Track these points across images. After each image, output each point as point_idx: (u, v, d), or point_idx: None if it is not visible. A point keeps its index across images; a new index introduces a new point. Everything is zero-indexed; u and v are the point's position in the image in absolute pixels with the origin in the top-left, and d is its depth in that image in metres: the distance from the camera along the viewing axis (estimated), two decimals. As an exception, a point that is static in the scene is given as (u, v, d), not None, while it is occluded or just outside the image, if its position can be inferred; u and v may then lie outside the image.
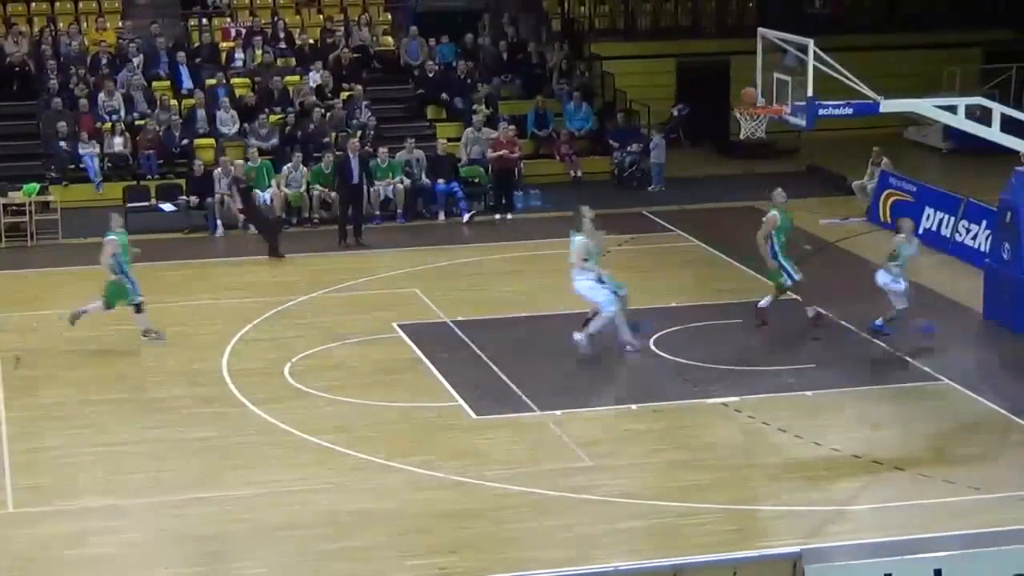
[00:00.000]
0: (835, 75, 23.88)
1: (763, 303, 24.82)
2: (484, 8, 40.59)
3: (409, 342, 24.27)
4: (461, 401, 21.66)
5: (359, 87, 36.04)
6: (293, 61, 37.64)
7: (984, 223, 28.42)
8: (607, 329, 23.38)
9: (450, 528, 17.58)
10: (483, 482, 18.78)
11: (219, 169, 32.21)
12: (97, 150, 34.04)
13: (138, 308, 24.40)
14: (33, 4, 39.11)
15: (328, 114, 34.94)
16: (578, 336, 23.25)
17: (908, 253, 24.03)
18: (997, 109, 24.86)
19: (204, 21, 39.24)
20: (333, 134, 34.23)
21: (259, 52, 37.35)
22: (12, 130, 35.15)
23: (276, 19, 39.09)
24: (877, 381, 22.44)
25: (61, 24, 38.44)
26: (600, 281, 23.35)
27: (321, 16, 40.12)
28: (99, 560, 16.98)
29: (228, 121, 35.19)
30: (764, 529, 17.79)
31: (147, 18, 38.77)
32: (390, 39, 39.63)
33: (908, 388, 22.21)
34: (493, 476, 18.95)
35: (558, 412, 21.14)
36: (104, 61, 36.48)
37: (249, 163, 32.50)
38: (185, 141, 34.57)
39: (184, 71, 36.82)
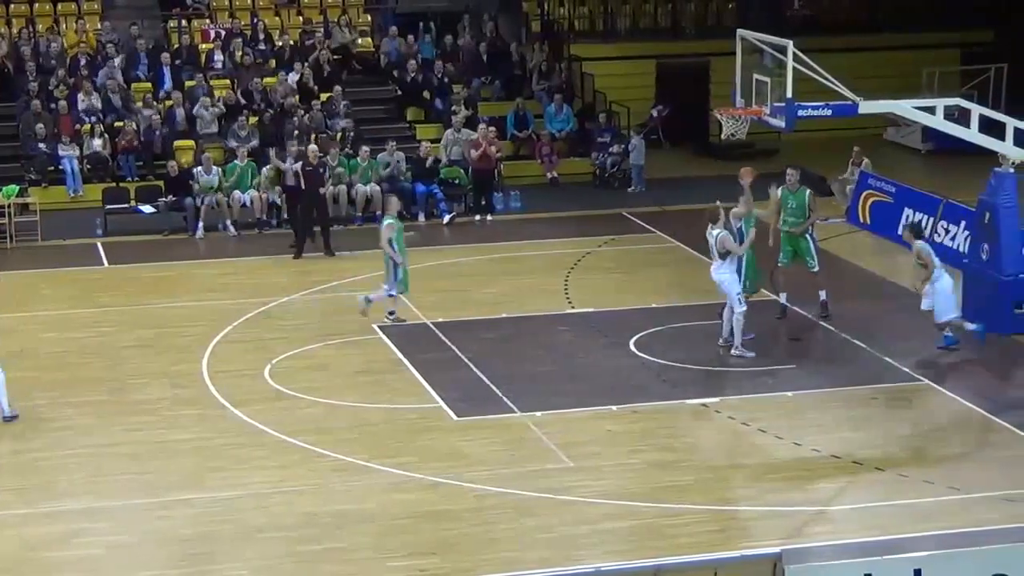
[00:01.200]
0: (814, 76, 23.95)
1: (823, 296, 25.24)
2: (464, 9, 40.63)
3: (390, 344, 24.29)
4: (442, 403, 21.68)
5: (338, 87, 36.10)
6: (273, 63, 37.64)
7: (963, 224, 28.53)
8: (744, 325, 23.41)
9: (431, 529, 17.60)
10: (464, 483, 18.80)
11: (199, 168, 32.23)
12: (77, 152, 34.01)
13: (392, 295, 24.81)
14: (12, 6, 39.04)
15: (307, 115, 34.93)
16: (735, 352, 23.26)
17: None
18: (975, 110, 24.94)
19: (183, 22, 39.22)
20: (313, 135, 34.23)
21: (239, 53, 37.32)
22: (-9, 132, 35.18)
23: (255, 20, 39.11)
24: (857, 382, 22.49)
25: (40, 26, 38.41)
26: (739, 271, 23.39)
27: (300, 18, 40.12)
28: (83, 562, 16.95)
29: (208, 122, 35.18)
30: (744, 529, 17.83)
31: (126, 19, 38.75)
32: (370, 40, 39.65)
33: (888, 388, 22.27)
34: (474, 477, 18.98)
35: (539, 413, 21.17)
36: (83, 62, 36.44)
37: (236, 162, 32.51)
38: (165, 143, 34.54)
39: (164, 72, 36.81)
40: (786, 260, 25.17)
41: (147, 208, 32.21)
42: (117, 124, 34.80)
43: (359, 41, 39.28)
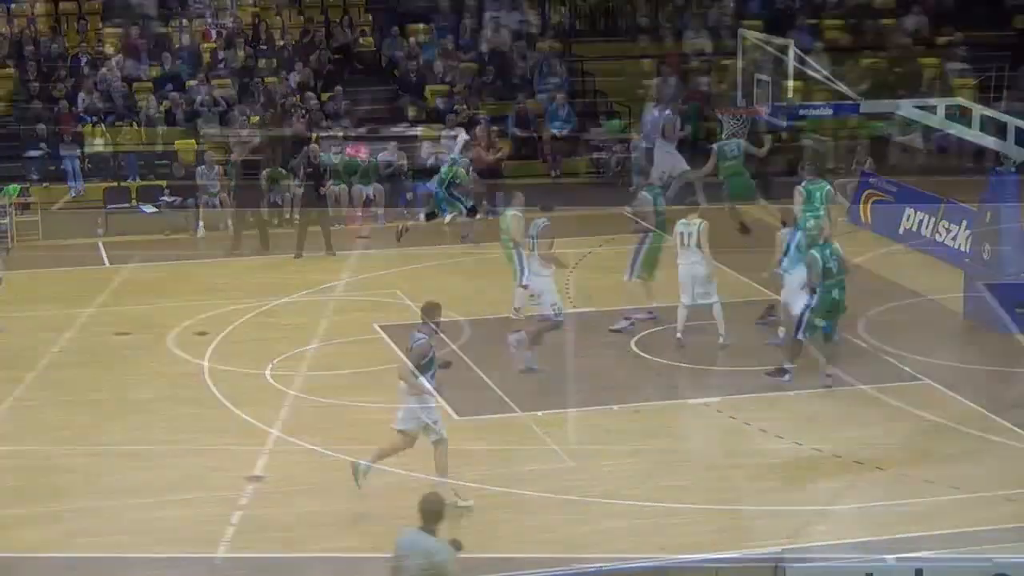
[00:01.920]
0: (815, 76, 23.93)
1: None
2: (466, 8, 40.61)
3: (391, 343, 24.26)
4: (443, 402, 21.63)
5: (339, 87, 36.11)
6: (274, 62, 37.63)
7: (964, 223, 28.50)
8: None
9: (431, 529, 17.56)
10: (465, 483, 18.77)
11: (202, 167, 32.23)
12: (78, 152, 34.00)
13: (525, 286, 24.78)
14: (13, 5, 39.04)
15: (307, 115, 34.92)
16: (724, 341, 23.47)
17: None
18: (976, 110, 24.93)
19: (184, 22, 39.21)
20: (314, 135, 34.22)
21: (240, 53, 37.32)
22: (-8, 131, 35.18)
23: (257, 20, 39.10)
24: (858, 381, 22.47)
25: (41, 25, 38.40)
26: None
27: (301, 17, 40.11)
28: (81, 562, 16.94)
29: (210, 122, 35.17)
30: (746, 529, 17.79)
31: (128, 19, 38.73)
32: (371, 40, 39.63)
33: (889, 388, 22.23)
34: (475, 477, 18.95)
35: (540, 413, 21.16)
36: (84, 62, 36.44)
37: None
38: (166, 142, 34.54)
39: (165, 72, 36.81)
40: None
41: (148, 208, 32.22)
42: (118, 124, 34.78)
43: (360, 40, 39.27)
